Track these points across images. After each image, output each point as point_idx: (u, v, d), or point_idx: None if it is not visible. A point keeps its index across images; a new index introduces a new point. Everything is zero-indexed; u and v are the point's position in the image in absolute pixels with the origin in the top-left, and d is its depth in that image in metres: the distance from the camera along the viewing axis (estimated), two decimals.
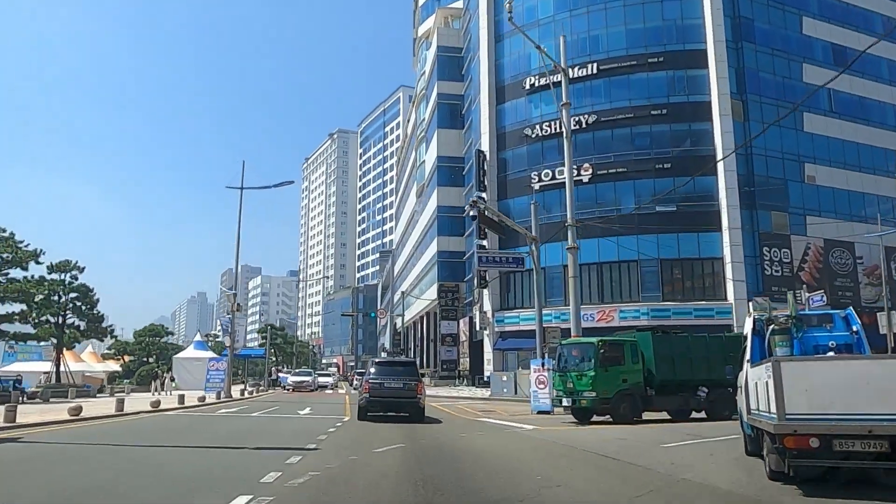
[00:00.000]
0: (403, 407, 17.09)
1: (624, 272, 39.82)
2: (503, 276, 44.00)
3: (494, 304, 43.66)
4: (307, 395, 37.58)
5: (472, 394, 37.42)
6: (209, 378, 29.76)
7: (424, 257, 60.93)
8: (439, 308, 53.88)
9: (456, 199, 55.10)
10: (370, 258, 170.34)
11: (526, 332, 41.69)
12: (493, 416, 21.61)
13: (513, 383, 34.01)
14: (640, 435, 14.05)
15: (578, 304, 25.18)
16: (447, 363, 52.89)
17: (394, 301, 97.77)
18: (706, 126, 40.11)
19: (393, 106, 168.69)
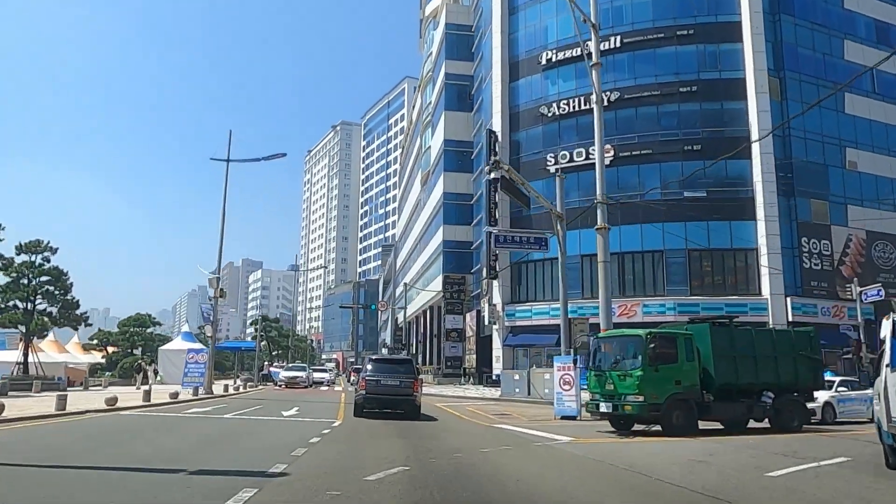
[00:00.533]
0: (399, 404, 16.87)
1: (648, 263, 36.46)
2: (514, 267, 40.68)
3: (505, 297, 40.35)
4: (300, 392, 34.36)
5: (480, 393, 34.13)
6: (187, 372, 26.50)
7: (429, 248, 57.61)
8: (444, 301, 50.57)
9: (464, 185, 51.75)
10: (372, 252, 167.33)
11: (539, 327, 38.38)
12: (510, 421, 18.34)
13: (526, 383, 30.75)
14: (718, 455, 10.71)
15: (609, 294, 21.83)
16: (452, 360, 49.59)
17: (395, 295, 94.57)
18: (740, 105, 36.69)
19: (397, 98, 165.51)
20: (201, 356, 26.66)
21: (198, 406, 20.31)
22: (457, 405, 25.85)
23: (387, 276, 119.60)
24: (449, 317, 50.13)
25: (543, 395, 29.68)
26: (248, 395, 29.65)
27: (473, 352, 44.80)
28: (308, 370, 39.70)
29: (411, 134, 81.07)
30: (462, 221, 51.53)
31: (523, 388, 30.88)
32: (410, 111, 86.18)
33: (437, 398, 31.39)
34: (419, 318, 65.79)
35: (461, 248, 51.26)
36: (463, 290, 50.38)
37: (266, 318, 58.23)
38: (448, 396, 32.71)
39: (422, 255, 61.44)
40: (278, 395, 29.42)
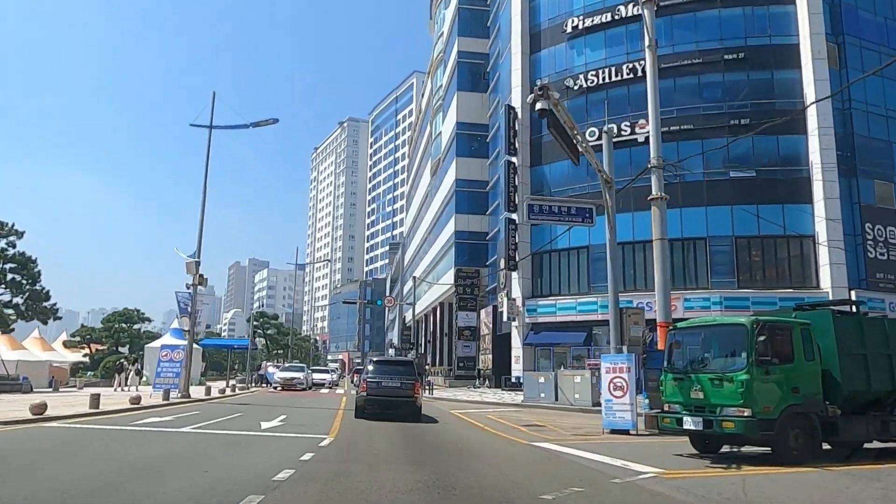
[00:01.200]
0: (400, 406, 16.66)
1: (689, 252, 32.29)
2: (535, 258, 36.60)
3: (525, 291, 36.27)
4: (296, 395, 30.49)
5: (498, 398, 30.08)
6: (159, 372, 22.63)
7: (440, 240, 53.58)
8: (456, 297, 46.56)
9: (477, 171, 47.73)
10: (379, 251, 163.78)
11: (564, 324, 34.32)
12: (548, 435, 14.51)
13: (553, 386, 26.77)
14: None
15: (667, 278, 17.93)
16: (464, 361, 45.54)
17: (403, 293, 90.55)
18: (793, 74, 32.48)
19: (406, 93, 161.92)
20: (176, 353, 22.77)
21: (159, 414, 16.40)
22: (476, 412, 21.88)
23: (394, 274, 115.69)
24: (461, 314, 46.09)
25: (573, 400, 25.80)
26: (234, 399, 25.76)
27: (489, 351, 40.74)
28: (306, 371, 35.76)
29: (420, 123, 77.13)
30: (476, 210, 47.50)
31: (549, 393, 26.93)
32: (419, 102, 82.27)
33: (452, 403, 27.40)
34: (428, 317, 61.80)
35: (475, 240, 47.22)
36: (477, 284, 46.35)
37: (264, 315, 54.33)
38: (464, 402, 28.70)
39: (432, 248, 57.40)
40: (268, 400, 25.53)
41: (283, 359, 56.56)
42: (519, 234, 36.46)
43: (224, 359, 51.73)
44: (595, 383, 26.19)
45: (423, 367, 42.76)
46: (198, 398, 23.02)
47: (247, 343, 37.89)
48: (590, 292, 33.81)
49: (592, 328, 33.55)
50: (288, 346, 51.15)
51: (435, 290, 56.06)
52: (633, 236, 32.96)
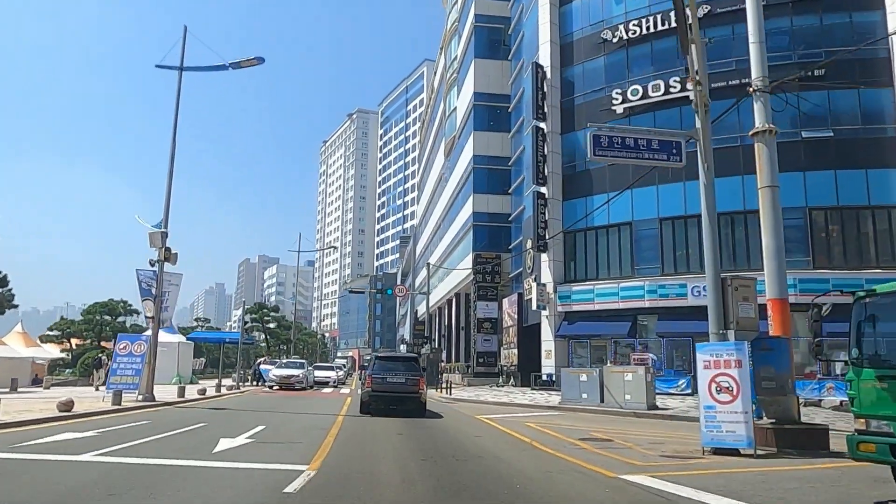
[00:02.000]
0: (405, 402, 16.34)
1: (753, 227, 27.37)
2: (569, 237, 31.83)
3: (557, 275, 31.52)
4: (292, 396, 26.12)
5: (530, 399, 25.44)
6: (114, 369, 18.14)
7: (455, 224, 48.88)
8: (475, 286, 41.89)
9: (497, 146, 43.00)
10: (389, 245, 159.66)
11: (604, 312, 29.57)
12: (625, 456, 10.37)
13: (597, 385, 22.17)
14: None
15: (780, 240, 13.17)
16: (485, 356, 40.88)
17: (415, 286, 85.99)
18: (874, 16, 27.49)
19: (416, 82, 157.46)
20: (137, 345, 18.29)
21: (83, 427, 11.89)
22: (509, 419, 17.24)
23: (405, 267, 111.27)
24: (481, 304, 41.41)
25: (624, 402, 21.21)
26: (214, 402, 21.29)
27: (513, 346, 36.02)
28: (306, 367, 31.26)
29: (432, 103, 72.44)
30: (496, 189, 42.79)
31: (593, 393, 22.32)
32: (431, 81, 77.56)
33: (477, 407, 22.80)
34: (442, 309, 57.15)
35: (495, 222, 42.51)
36: (498, 271, 41.65)
37: (263, 307, 49.98)
38: (489, 404, 24.09)
39: (447, 233, 52.68)
40: (254, 403, 21.05)
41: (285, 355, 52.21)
42: (549, 210, 31.73)
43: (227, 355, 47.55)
44: (650, 381, 21.62)
45: (438, 363, 38.23)
46: (165, 401, 18.55)
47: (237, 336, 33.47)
48: (634, 276, 29.02)
49: (637, 317, 28.79)
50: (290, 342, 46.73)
51: (450, 279, 51.44)
52: (680, 209, 28.24)
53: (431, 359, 37.99)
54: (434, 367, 37.79)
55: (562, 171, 32.34)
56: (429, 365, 38.24)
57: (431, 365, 37.91)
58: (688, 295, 26.97)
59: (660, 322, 27.78)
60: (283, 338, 50.63)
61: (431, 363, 37.92)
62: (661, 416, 19.12)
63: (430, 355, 38.25)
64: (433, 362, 37.91)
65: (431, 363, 37.92)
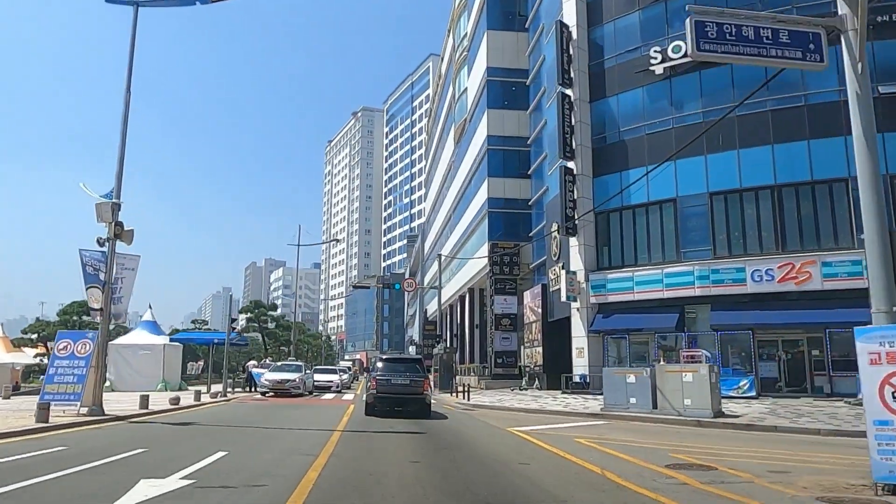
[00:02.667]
0: (409, 403, 16.45)
1: (823, 200, 23.33)
2: (601, 219, 27.86)
3: (589, 262, 27.54)
4: (288, 403, 22.36)
5: (564, 405, 21.56)
6: (51, 375, 14.14)
7: (468, 213, 44.95)
8: (491, 279, 37.97)
9: (513, 125, 39.08)
10: (396, 245, 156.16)
11: (646, 303, 25.56)
12: (766, 498, 5.78)
13: (648, 388, 18.37)
14: None
15: None
16: (503, 356, 36.93)
17: (424, 284, 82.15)
18: None
19: (421, 78, 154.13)
20: (81, 345, 14.43)
21: None
22: (550, 433, 13.39)
23: (413, 266, 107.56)
24: (498, 298, 37.46)
25: (683, 408, 17.37)
26: (184, 413, 17.46)
27: (537, 343, 32.03)
28: (303, 371, 27.38)
29: (440, 89, 68.62)
30: (512, 172, 38.87)
31: (643, 397, 18.48)
32: (436, 74, 73.73)
33: (503, 415, 18.98)
34: (454, 307, 53.21)
35: (512, 208, 38.59)
36: (517, 262, 37.70)
37: (261, 305, 46.14)
38: (517, 411, 20.22)
39: (459, 224, 48.73)
40: (231, 415, 17.21)
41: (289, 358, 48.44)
42: (578, 188, 27.78)
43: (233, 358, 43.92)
44: (715, 382, 17.67)
45: (452, 364, 34.31)
46: (118, 415, 14.70)
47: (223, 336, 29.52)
48: (680, 260, 25.00)
49: (685, 307, 24.77)
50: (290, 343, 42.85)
51: (462, 274, 47.53)
52: (734, 181, 24.28)
53: (445, 360, 34.09)
54: (448, 368, 33.91)
55: (591, 144, 28.38)
56: (441, 367, 34.35)
57: (445, 367, 34.01)
58: (746, 280, 22.96)
59: (713, 313, 23.77)
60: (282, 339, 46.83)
61: (445, 365, 34.02)
62: (735, 426, 15.22)
63: (444, 356, 34.35)
64: (447, 364, 34.01)
65: (445, 365, 34.02)
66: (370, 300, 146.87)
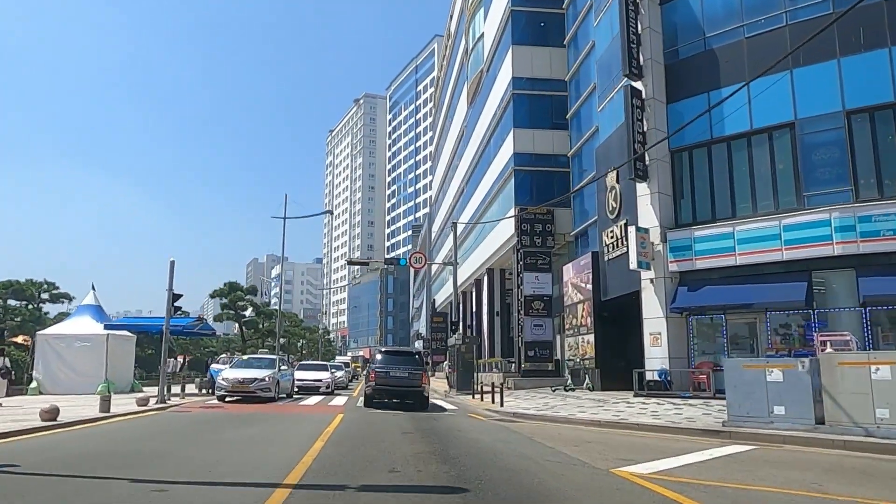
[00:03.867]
0: (408, 395, 16.95)
1: None
2: (678, 160, 20.51)
3: (665, 217, 20.15)
4: (253, 410, 15.40)
5: (652, 415, 14.37)
6: None
7: (489, 176, 37.52)
8: (517, 254, 30.68)
9: (543, 64, 31.76)
10: (401, 237, 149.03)
11: (753, 269, 18.16)
12: None
13: (806, 390, 10.81)
14: None
15: None
16: (536, 348, 29.63)
17: (432, 275, 74.94)
18: None
19: (426, 61, 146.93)
20: None
21: None
22: (701, 479, 5.79)
23: None
24: (528, 276, 30.17)
25: (875, 422, 9.93)
26: (55, 435, 10.25)
27: (586, 329, 24.64)
28: (277, 366, 20.13)
29: (448, 53, 61.25)
30: (543, 123, 31.58)
31: (798, 404, 11.07)
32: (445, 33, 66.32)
33: (563, 430, 12.11)
34: (468, 295, 45.86)
35: (543, 165, 31.29)
36: (550, 232, 30.39)
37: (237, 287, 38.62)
38: (583, 424, 13.17)
39: (476, 192, 41.23)
40: (123, 440, 9.89)
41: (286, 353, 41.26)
42: (650, 115, 20.44)
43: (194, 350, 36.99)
44: None
45: (473, 359, 27.06)
46: None
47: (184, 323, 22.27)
48: (802, 207, 17.62)
49: (812, 274, 17.40)
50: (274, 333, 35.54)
51: (478, 254, 40.26)
52: (879, 95, 16.91)
53: (463, 353, 26.80)
54: (468, 365, 26.68)
55: (664, 60, 21.00)
56: (459, 362, 27.09)
57: (463, 362, 26.77)
58: None
59: (862, 280, 16.42)
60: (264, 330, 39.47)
61: (463, 359, 26.78)
62: None
63: (461, 348, 27.02)
64: (466, 358, 26.77)
65: (463, 359, 26.78)
66: (373, 294, 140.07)
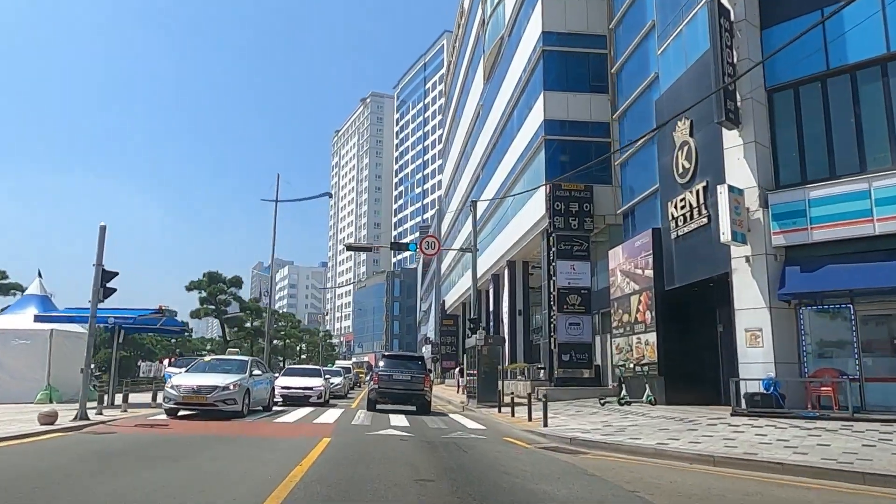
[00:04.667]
0: (410, 399, 17.07)
1: None
2: (780, 100, 15.52)
3: (763, 175, 15.11)
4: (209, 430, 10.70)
5: (794, 448, 9.22)
6: None
7: (513, 151, 32.35)
8: (551, 239, 25.73)
9: (579, 17, 26.89)
10: (408, 238, 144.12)
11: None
12: None
13: None
14: None
15: None
16: (572, 351, 24.58)
17: (441, 273, 70.03)
18: None
19: (435, 57, 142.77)
20: None
21: None
22: None
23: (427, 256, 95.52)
24: (562, 266, 25.18)
25: None
26: None
27: (644, 327, 19.58)
28: (248, 371, 15.17)
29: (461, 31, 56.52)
30: (579, 85, 26.70)
31: None
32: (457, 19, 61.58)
33: (664, 470, 7.38)
34: (484, 292, 40.82)
35: (580, 134, 26.35)
36: (588, 212, 25.41)
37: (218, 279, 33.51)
38: (681, 459, 8.11)
39: (497, 171, 35.88)
40: None
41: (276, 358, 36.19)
42: (741, 43, 15.48)
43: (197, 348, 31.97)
44: None
45: (495, 361, 22.04)
46: None
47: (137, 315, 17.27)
48: None
49: None
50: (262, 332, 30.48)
51: (498, 245, 35.31)
52: None
53: (486, 355, 21.79)
54: (491, 369, 21.71)
55: None
56: (481, 366, 22.15)
57: (487, 366, 21.78)
58: None
59: None
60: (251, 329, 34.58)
61: (487, 363, 21.79)
62: None
63: (483, 349, 21.96)
64: (490, 362, 21.77)
65: (487, 363, 21.79)
66: (379, 298, 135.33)
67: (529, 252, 31.08)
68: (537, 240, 28.11)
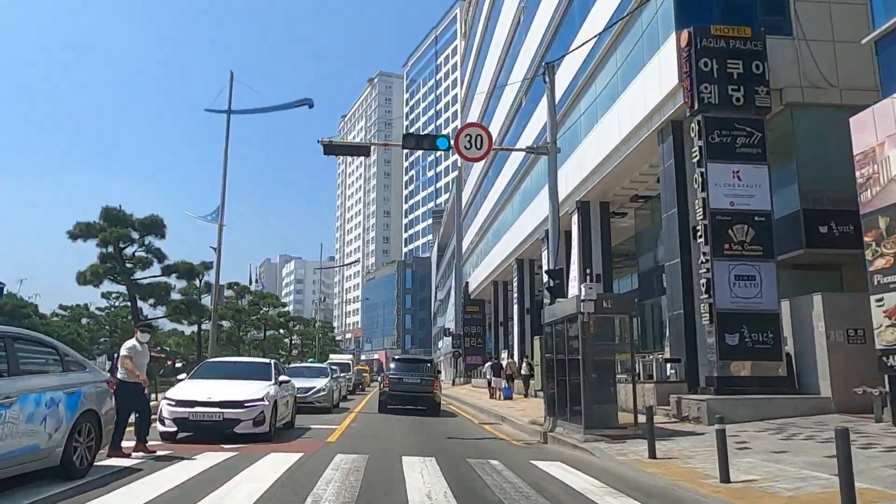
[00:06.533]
0: (420, 401, 17.39)
1: None
2: None
3: None
4: None
5: None
6: None
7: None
8: (697, 125, 14.25)
9: None
10: (420, 227, 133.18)
11: None
12: None
13: None
14: None
15: None
16: (745, 326, 13.05)
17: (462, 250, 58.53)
18: None
19: (447, 30, 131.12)
20: None
21: None
22: None
23: (442, 239, 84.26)
24: (718, 172, 13.68)
25: None
26: None
27: None
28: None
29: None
30: None
31: None
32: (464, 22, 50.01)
33: None
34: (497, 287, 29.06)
35: None
36: (762, 79, 13.88)
37: (119, 218, 21.86)
38: None
39: (580, 33, 24.45)
40: None
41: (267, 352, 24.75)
42: None
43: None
44: None
45: (614, 342, 10.80)
46: None
47: None
48: None
49: None
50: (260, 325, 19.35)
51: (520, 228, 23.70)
52: None
53: (587, 336, 10.35)
54: (602, 364, 10.20)
55: None
56: (584, 355, 10.82)
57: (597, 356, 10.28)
58: None
59: None
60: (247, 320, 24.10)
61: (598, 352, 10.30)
62: None
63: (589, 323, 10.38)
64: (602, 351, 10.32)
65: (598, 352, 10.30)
66: (390, 290, 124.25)
67: (605, 191, 19.65)
68: (648, 145, 16.72)
